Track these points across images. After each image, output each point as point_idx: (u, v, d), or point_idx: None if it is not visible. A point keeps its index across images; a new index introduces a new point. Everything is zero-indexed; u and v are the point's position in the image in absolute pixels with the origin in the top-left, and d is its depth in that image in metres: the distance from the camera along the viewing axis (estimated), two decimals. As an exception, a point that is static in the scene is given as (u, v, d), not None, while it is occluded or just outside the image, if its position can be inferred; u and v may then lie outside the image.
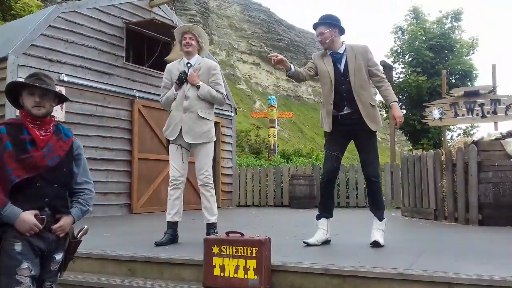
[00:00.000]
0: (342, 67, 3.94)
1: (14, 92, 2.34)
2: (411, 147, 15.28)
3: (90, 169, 2.55)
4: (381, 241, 3.80)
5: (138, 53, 9.78)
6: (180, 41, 4.29)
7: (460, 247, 4.00)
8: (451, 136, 15.01)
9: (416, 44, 14.51)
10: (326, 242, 3.97)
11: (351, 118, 3.88)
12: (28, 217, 2.10)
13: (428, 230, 5.49)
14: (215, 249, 3.10)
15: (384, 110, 15.93)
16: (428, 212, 6.61)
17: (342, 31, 4.01)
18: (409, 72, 14.36)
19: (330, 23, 3.94)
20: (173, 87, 4.21)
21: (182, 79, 4.17)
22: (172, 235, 4.14)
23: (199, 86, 4.14)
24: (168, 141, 4.28)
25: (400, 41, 15.52)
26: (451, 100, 8.10)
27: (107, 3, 8.45)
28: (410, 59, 14.91)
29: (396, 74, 15.06)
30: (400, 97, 14.83)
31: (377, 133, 4.03)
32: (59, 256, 2.27)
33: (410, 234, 5.31)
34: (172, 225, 4.18)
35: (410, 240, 4.56)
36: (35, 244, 2.13)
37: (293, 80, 4.13)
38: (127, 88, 8.50)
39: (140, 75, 8.84)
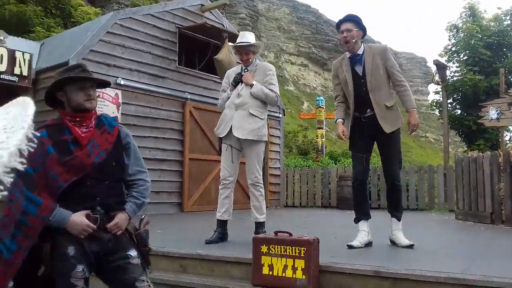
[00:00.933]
0: (361, 68, 3.85)
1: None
2: (466, 148, 14.70)
3: (145, 169, 2.48)
4: (408, 242, 3.79)
5: (189, 56, 10.03)
6: (236, 54, 4.50)
7: (517, 253, 3.84)
8: (510, 137, 14.29)
9: (472, 42, 13.93)
10: (368, 244, 3.94)
11: (373, 119, 3.81)
12: (80, 219, 2.00)
13: (483, 234, 5.29)
14: (264, 248, 3.15)
15: (437, 110, 15.41)
16: (484, 216, 6.36)
17: (365, 34, 3.90)
18: (465, 71, 13.83)
19: (359, 22, 3.83)
20: (229, 88, 4.33)
21: (237, 80, 4.28)
22: (221, 234, 4.24)
23: (252, 85, 4.23)
24: (221, 142, 4.36)
25: (455, 39, 14.97)
26: (509, 99, 7.76)
27: (160, 9, 8.75)
28: (465, 57, 14.34)
29: (451, 73, 14.56)
30: (455, 96, 14.31)
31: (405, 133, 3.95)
32: (134, 253, 2.14)
33: (464, 237, 5.14)
34: (222, 224, 4.27)
35: (465, 244, 4.43)
36: (88, 247, 2.03)
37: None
38: (179, 90, 8.75)
39: (192, 78, 9.08)
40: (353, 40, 3.80)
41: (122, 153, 2.23)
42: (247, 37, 4.37)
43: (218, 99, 4.68)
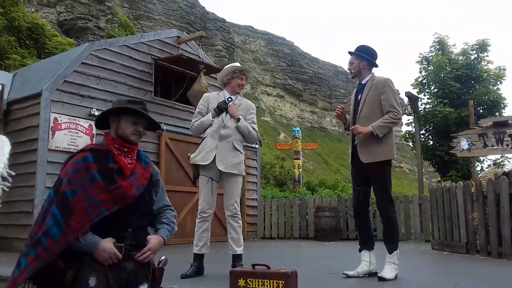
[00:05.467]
0: (359, 97, 4.05)
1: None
2: (439, 178, 14.97)
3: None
4: (388, 276, 3.71)
5: (165, 87, 10.04)
6: (233, 77, 4.30)
7: (493, 282, 3.86)
8: (481, 168, 14.62)
9: (442, 75, 14.42)
10: (371, 274, 3.92)
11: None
12: (108, 245, 2.00)
13: (459, 264, 5.32)
14: (241, 282, 3.07)
15: (410, 141, 15.74)
16: (459, 246, 6.41)
17: (371, 64, 4.09)
18: (435, 103, 14.24)
19: (359, 54, 4.08)
20: (210, 114, 4.24)
21: (222, 108, 4.22)
22: (198, 268, 4.13)
23: (239, 119, 4.20)
24: (197, 171, 4.26)
25: (425, 71, 15.45)
26: (479, 130, 7.95)
27: (137, 41, 8.78)
28: (436, 89, 14.81)
29: (422, 104, 14.93)
30: (427, 127, 14.67)
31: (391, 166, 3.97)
32: (144, 287, 2.13)
33: (441, 268, 5.15)
34: (199, 258, 4.17)
35: (442, 274, 4.43)
36: (112, 277, 2.01)
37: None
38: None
39: (168, 109, 9.05)
40: (353, 71, 4.12)
41: (152, 190, 2.30)
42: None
43: None
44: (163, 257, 2.28)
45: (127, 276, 2.07)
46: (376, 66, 4.14)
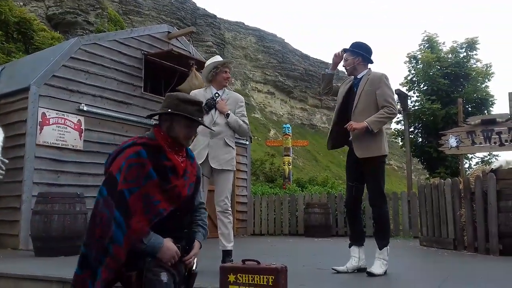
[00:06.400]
0: (355, 90, 4.04)
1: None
2: (428, 175, 15.08)
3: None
4: (376, 271, 3.76)
5: (155, 82, 9.97)
6: (217, 72, 4.27)
7: (481, 278, 3.91)
8: (469, 165, 14.76)
9: (431, 73, 14.51)
10: (360, 270, 3.95)
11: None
12: (171, 245, 1.97)
13: (447, 260, 5.38)
14: (231, 277, 3.07)
15: (399, 138, 15.84)
16: (447, 242, 6.48)
17: (366, 60, 4.10)
18: (424, 101, 14.33)
19: (354, 51, 4.09)
20: None
21: (211, 106, 4.21)
22: (187, 263, 4.12)
23: (228, 114, 4.19)
24: None
25: (414, 70, 15.52)
26: (467, 128, 8.03)
27: (126, 36, 8.70)
28: (425, 87, 14.89)
29: (411, 102, 15.01)
30: (416, 125, 14.76)
31: (383, 162, 3.98)
32: None
33: (429, 264, 5.20)
34: (188, 253, 4.16)
35: (430, 270, 4.47)
36: (176, 275, 2.00)
37: (322, 84, 4.30)
38: (144, 117, 8.62)
39: (157, 104, 8.98)
40: (348, 67, 4.12)
41: (198, 187, 2.24)
42: (221, 58, 4.40)
43: None
44: (195, 260, 2.25)
45: (181, 278, 2.06)
46: (371, 62, 4.14)
